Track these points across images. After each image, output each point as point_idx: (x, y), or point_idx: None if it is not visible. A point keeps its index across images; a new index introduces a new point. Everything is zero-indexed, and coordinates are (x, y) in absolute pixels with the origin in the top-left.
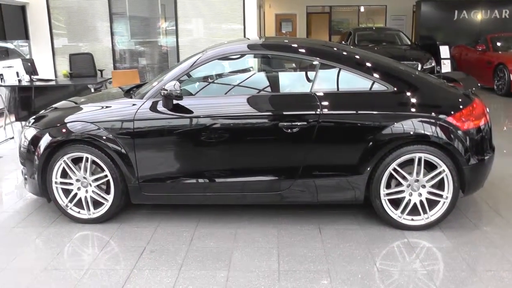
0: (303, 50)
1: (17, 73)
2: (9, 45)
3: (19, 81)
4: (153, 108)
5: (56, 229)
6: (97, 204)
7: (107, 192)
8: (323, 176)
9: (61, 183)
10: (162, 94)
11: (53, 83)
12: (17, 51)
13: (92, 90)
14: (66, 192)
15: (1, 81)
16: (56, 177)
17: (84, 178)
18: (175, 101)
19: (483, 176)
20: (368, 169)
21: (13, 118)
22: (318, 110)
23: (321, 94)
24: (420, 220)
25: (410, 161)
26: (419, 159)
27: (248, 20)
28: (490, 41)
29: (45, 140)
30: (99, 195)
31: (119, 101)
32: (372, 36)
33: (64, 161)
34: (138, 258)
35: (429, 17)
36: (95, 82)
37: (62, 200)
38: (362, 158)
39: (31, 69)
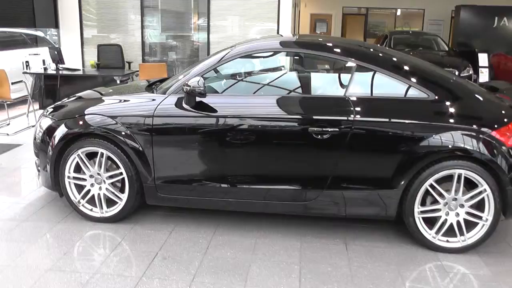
0: (338, 50)
1: (44, 61)
2: (38, 33)
3: (45, 69)
4: (175, 104)
5: (66, 226)
6: (110, 202)
7: (122, 190)
8: (354, 189)
9: (74, 178)
10: (185, 90)
11: (79, 72)
12: (46, 39)
13: (118, 82)
14: (79, 187)
15: (27, 68)
16: (69, 171)
17: (98, 174)
18: (198, 99)
19: None
20: (403, 183)
21: (36, 106)
22: (352, 116)
23: (356, 98)
24: (456, 242)
25: (448, 178)
26: (459, 176)
27: (282, 19)
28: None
29: (61, 131)
30: (113, 193)
31: (139, 95)
32: (408, 40)
33: (79, 155)
34: (149, 264)
35: (468, 23)
36: (122, 74)
37: (74, 195)
38: (396, 171)
39: (57, 58)
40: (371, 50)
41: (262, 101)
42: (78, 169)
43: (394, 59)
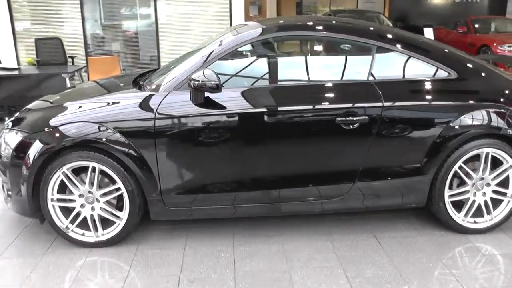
0: (357, 31)
1: None
2: None
3: None
4: (179, 102)
5: (55, 258)
6: (105, 222)
7: (119, 208)
8: (386, 179)
9: (59, 200)
10: (192, 85)
11: (17, 72)
12: None
13: (67, 81)
14: (65, 210)
15: None
16: (52, 192)
17: (90, 192)
18: (206, 94)
19: None
20: (434, 168)
21: None
22: (381, 102)
23: (381, 82)
24: (484, 222)
25: (474, 158)
26: (486, 155)
27: (234, 1)
28: (470, 23)
29: (37, 146)
30: (109, 212)
31: (129, 94)
32: (353, 18)
33: (64, 172)
34: None
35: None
36: (71, 70)
37: (61, 221)
38: (427, 156)
39: None
40: (386, 29)
41: (281, 93)
42: (62, 188)
43: (410, 38)
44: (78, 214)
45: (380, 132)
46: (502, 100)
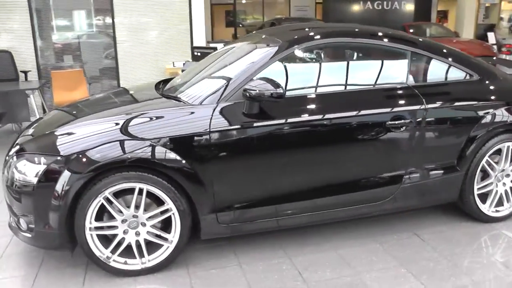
0: (394, 38)
1: None
2: None
3: None
4: (231, 113)
5: None
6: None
7: (164, 229)
8: (429, 177)
9: (97, 228)
10: (248, 95)
11: None
12: None
13: (31, 97)
14: (103, 238)
15: None
16: (90, 221)
17: (134, 216)
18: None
19: None
20: (467, 164)
21: None
22: (423, 104)
23: (419, 86)
24: (504, 210)
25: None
26: (508, 148)
27: (195, 11)
28: (408, 29)
29: (69, 172)
30: (156, 236)
31: (171, 108)
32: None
33: (105, 197)
34: None
35: (335, 8)
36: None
37: (100, 250)
38: (461, 153)
39: None
40: (413, 36)
41: (334, 99)
42: (99, 215)
43: (437, 44)
44: (120, 242)
45: (423, 133)
46: None
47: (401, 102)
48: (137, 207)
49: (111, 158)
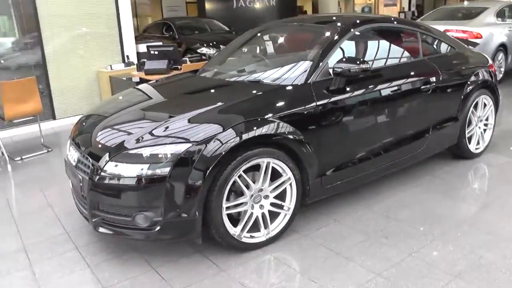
0: (409, 23)
1: None
2: None
3: None
4: (325, 88)
5: (239, 269)
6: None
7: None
8: (444, 128)
9: (229, 207)
10: (338, 71)
11: None
12: None
13: None
14: (230, 217)
15: None
16: (225, 201)
17: (260, 190)
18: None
19: None
20: (463, 114)
21: None
22: (439, 72)
23: (432, 58)
24: (481, 147)
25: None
26: (483, 99)
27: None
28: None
29: (210, 151)
30: (278, 205)
31: (271, 91)
32: (191, 24)
33: (241, 175)
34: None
35: (212, 7)
36: None
37: (233, 229)
38: (459, 106)
39: None
40: (419, 22)
41: (391, 70)
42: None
43: (431, 27)
44: (249, 217)
45: (441, 93)
46: (482, 62)
47: (426, 71)
48: (253, 182)
49: (259, 134)
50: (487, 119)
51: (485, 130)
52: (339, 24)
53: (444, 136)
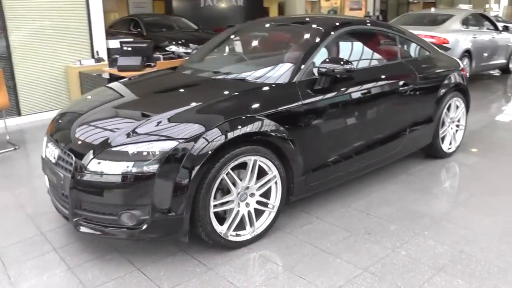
0: (388, 27)
1: None
2: None
3: None
4: (310, 88)
5: (224, 267)
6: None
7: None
8: (419, 128)
9: (216, 206)
10: (322, 72)
11: None
12: None
13: None
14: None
15: None
16: (212, 198)
17: (246, 188)
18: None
19: None
20: (437, 115)
21: None
22: (415, 74)
23: (408, 61)
24: (452, 147)
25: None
26: (455, 101)
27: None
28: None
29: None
30: (262, 203)
31: (259, 88)
32: (159, 22)
33: (228, 173)
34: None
35: (179, 5)
36: None
37: (220, 228)
38: (435, 107)
39: None
40: (397, 27)
41: (371, 71)
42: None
43: (408, 32)
44: (235, 215)
45: (417, 95)
46: (454, 66)
47: (404, 73)
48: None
49: (244, 132)
50: (459, 120)
51: (457, 130)
52: (322, 25)
53: (419, 136)
